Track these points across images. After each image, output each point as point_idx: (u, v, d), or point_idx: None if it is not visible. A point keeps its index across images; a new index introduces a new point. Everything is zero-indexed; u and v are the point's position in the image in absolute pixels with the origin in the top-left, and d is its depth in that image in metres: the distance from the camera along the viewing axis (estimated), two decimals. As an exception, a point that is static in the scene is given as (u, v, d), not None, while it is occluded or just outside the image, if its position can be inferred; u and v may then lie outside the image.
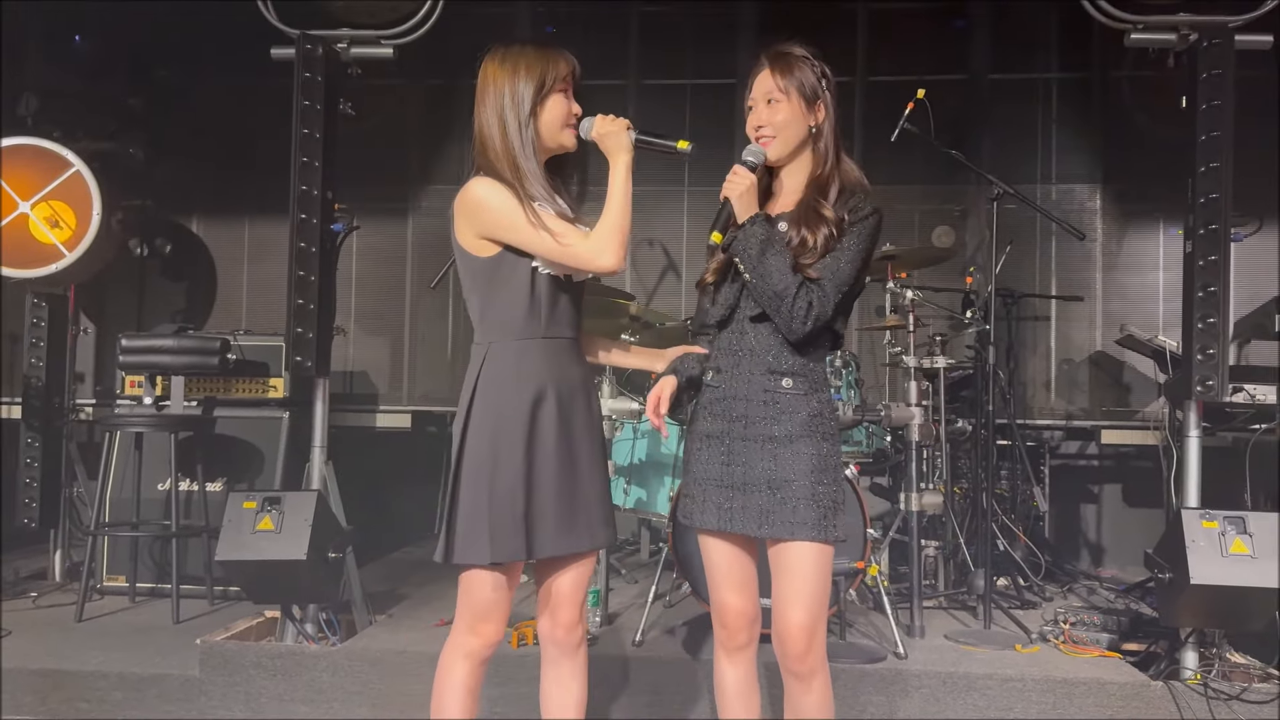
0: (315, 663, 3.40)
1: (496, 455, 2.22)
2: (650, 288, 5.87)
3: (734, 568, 2.34)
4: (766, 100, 2.29)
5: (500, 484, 2.21)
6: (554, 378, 2.28)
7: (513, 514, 2.20)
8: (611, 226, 2.25)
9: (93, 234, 4.73)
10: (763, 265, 2.20)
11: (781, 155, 2.31)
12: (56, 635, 3.86)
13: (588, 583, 2.39)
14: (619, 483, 4.56)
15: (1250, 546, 3.13)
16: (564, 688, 2.37)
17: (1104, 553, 5.60)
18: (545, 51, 2.31)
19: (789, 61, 2.29)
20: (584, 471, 2.30)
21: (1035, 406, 5.71)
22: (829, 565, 2.26)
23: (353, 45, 3.75)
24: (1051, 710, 3.23)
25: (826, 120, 2.30)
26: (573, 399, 2.31)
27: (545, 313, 2.28)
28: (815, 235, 2.22)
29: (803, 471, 2.22)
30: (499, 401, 2.25)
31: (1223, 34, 3.42)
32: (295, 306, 3.63)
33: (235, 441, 4.62)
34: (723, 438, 2.30)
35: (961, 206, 5.86)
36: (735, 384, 2.30)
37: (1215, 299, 3.36)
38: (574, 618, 2.34)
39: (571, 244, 2.23)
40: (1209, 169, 3.37)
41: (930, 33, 5.84)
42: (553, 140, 2.32)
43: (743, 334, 2.31)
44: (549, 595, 2.35)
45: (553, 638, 2.36)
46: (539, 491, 2.23)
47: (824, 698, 2.27)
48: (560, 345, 2.32)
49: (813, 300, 2.19)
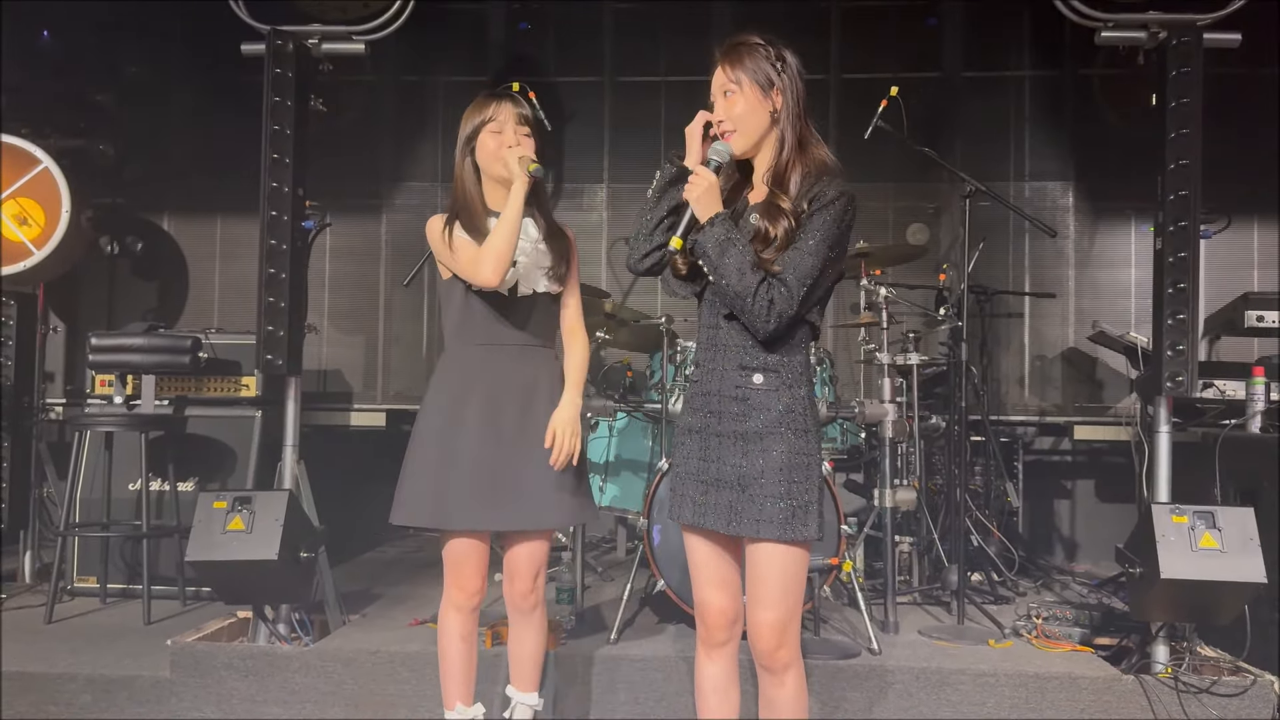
0: (288, 663, 3.38)
1: (421, 440, 2.70)
2: (626, 286, 5.87)
3: (714, 565, 2.33)
4: (723, 94, 2.28)
5: (415, 462, 2.68)
6: (486, 378, 2.68)
7: (422, 488, 2.65)
8: (488, 245, 2.58)
9: (62, 232, 4.69)
10: (723, 265, 2.17)
11: (747, 147, 2.28)
12: (25, 637, 3.80)
13: (540, 558, 2.78)
14: (595, 480, 4.56)
15: (1219, 541, 3.15)
16: (520, 641, 2.84)
17: (1077, 548, 5.65)
18: (483, 100, 2.74)
19: (739, 52, 2.28)
20: (522, 459, 2.65)
21: (1008, 403, 5.75)
22: (801, 564, 2.23)
23: (324, 41, 3.72)
24: (1024, 705, 3.25)
25: (785, 105, 2.26)
26: (509, 396, 2.68)
27: (481, 323, 2.69)
28: (775, 227, 2.18)
29: (771, 469, 2.19)
30: (432, 398, 2.73)
31: (1191, 32, 3.45)
32: (266, 304, 3.60)
33: (207, 441, 4.58)
34: (701, 433, 2.30)
35: (935, 204, 5.90)
36: (711, 380, 2.29)
37: (1185, 295, 3.39)
38: (526, 586, 2.77)
39: (463, 261, 2.62)
40: (1178, 166, 3.40)
41: (903, 31, 5.88)
42: (489, 170, 2.71)
43: (716, 329, 2.30)
44: (508, 565, 2.79)
45: (510, 601, 2.82)
46: (454, 470, 2.62)
47: (797, 693, 2.27)
48: (499, 351, 2.70)
49: (774, 297, 2.14)
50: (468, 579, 2.73)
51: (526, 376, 2.71)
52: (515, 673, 2.86)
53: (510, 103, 2.71)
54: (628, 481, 4.57)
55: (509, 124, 2.68)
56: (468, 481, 2.62)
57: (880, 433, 3.97)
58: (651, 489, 3.65)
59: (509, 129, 2.68)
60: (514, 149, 2.65)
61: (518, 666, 2.86)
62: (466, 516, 2.64)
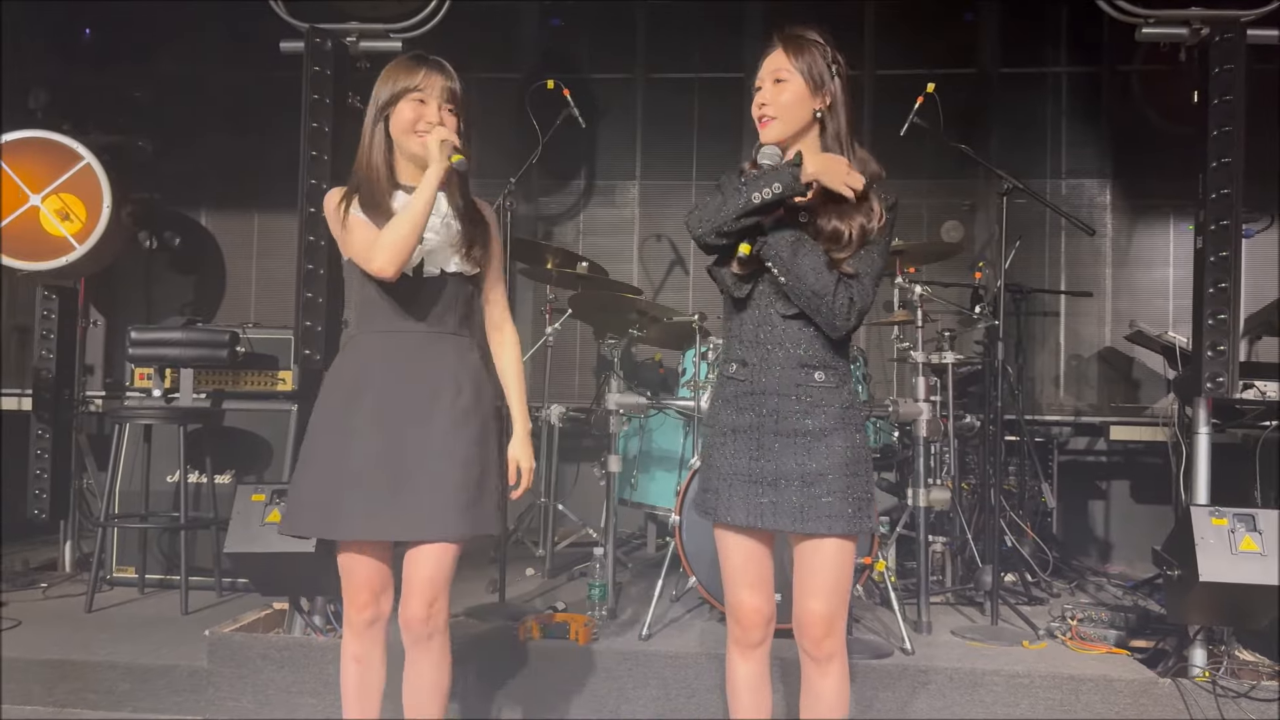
0: (323, 654, 3.41)
1: (310, 437, 2.42)
2: (657, 282, 5.87)
3: (751, 565, 2.32)
4: (774, 80, 2.26)
5: (306, 466, 2.39)
6: (384, 369, 2.38)
7: (309, 494, 2.36)
8: (385, 234, 2.30)
9: (103, 227, 4.74)
10: (797, 266, 2.18)
11: (783, 136, 2.27)
12: (66, 626, 3.87)
13: (440, 576, 2.37)
14: (626, 476, 4.57)
15: (1260, 544, 3.11)
16: (416, 671, 2.43)
17: (1112, 549, 5.59)
18: (408, 63, 2.41)
19: (801, 44, 2.27)
20: (422, 461, 2.34)
21: (1044, 402, 5.71)
22: (852, 556, 2.27)
23: (361, 39, 3.75)
24: (1058, 707, 3.22)
25: (835, 108, 2.27)
26: (410, 390, 2.37)
27: (381, 307, 2.39)
28: (849, 227, 2.21)
29: (837, 465, 2.21)
30: (325, 390, 2.45)
31: (1235, 28, 3.40)
32: (304, 300, 3.64)
33: (244, 434, 4.64)
34: (752, 431, 2.26)
35: (971, 201, 5.85)
36: (765, 378, 2.26)
37: (1226, 295, 3.35)
38: (420, 610, 2.35)
39: (356, 244, 2.35)
40: (1220, 164, 3.36)
41: (939, 26, 5.83)
42: (403, 144, 2.40)
43: (771, 327, 2.27)
44: (404, 583, 2.39)
45: (403, 625, 2.39)
46: (344, 473, 2.32)
47: (841, 682, 2.28)
48: (402, 338, 2.40)
49: (853, 295, 2.19)
50: (357, 592, 2.41)
51: (432, 368, 2.40)
52: (409, 710, 2.45)
53: (440, 74, 2.38)
54: (659, 477, 4.58)
55: (435, 98, 2.36)
56: (357, 485, 2.32)
57: (914, 431, 3.95)
58: (684, 486, 3.65)
59: (434, 104, 2.36)
60: (437, 128, 2.34)
61: (412, 702, 2.44)
62: (353, 525, 2.32)
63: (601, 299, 4.73)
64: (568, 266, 4.82)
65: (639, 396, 4.13)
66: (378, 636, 2.47)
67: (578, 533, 5.15)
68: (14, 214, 4.70)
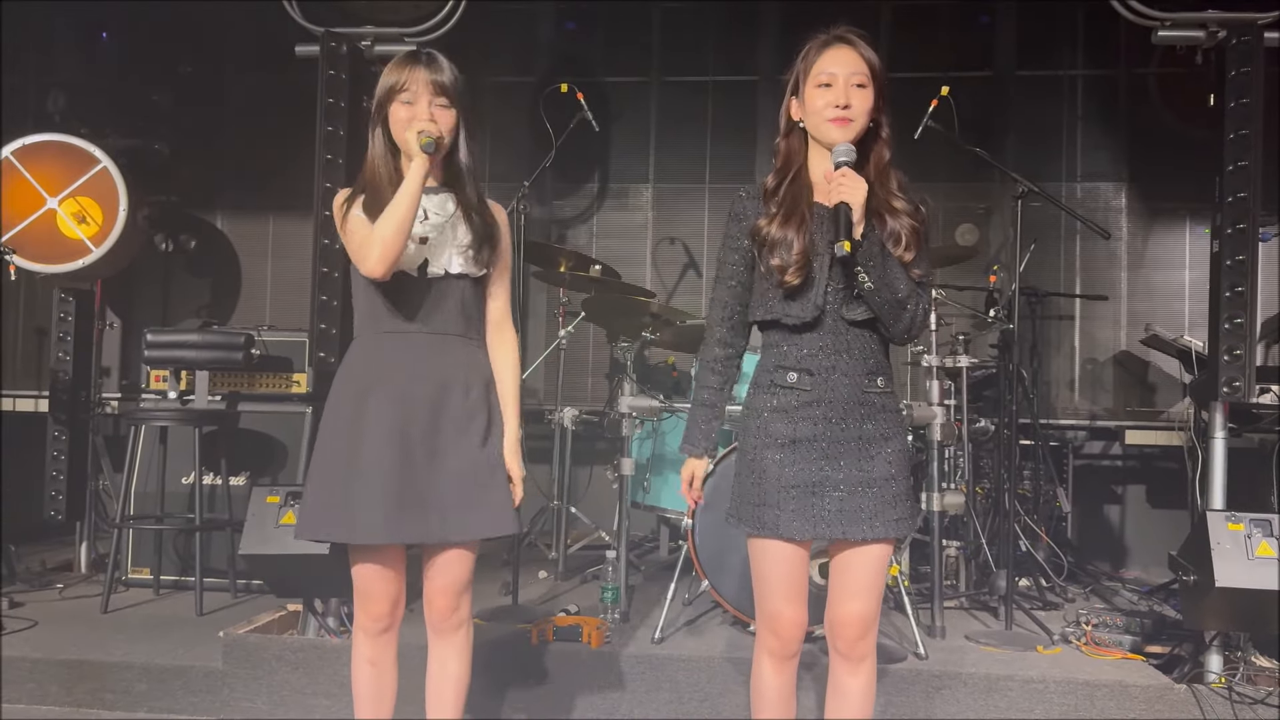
0: (337, 656, 3.42)
1: (323, 442, 2.40)
2: (671, 285, 5.86)
3: (793, 577, 2.28)
4: (856, 83, 2.21)
5: (320, 470, 2.38)
6: (393, 371, 2.38)
7: (328, 498, 2.34)
8: (373, 232, 2.31)
9: (119, 230, 4.77)
10: (887, 273, 2.17)
11: (856, 136, 2.23)
12: (82, 626, 3.89)
13: (463, 577, 2.44)
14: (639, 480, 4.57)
15: (1276, 549, 3.10)
16: (441, 662, 2.49)
17: (1127, 554, 5.56)
18: (396, 63, 2.41)
19: (876, 55, 2.25)
20: (438, 463, 2.36)
21: (1059, 406, 5.68)
22: (889, 556, 2.30)
23: (376, 43, 3.76)
24: (1073, 712, 3.21)
25: (884, 111, 2.27)
26: (421, 392, 2.37)
27: (387, 309, 2.40)
28: (902, 226, 2.22)
29: (900, 469, 2.25)
30: (335, 394, 2.44)
31: (1252, 31, 3.38)
32: (319, 303, 3.65)
33: (259, 436, 4.66)
34: (815, 441, 2.22)
35: (985, 204, 5.83)
36: (830, 388, 2.22)
37: (1243, 299, 3.33)
38: (445, 608, 2.44)
39: (354, 244, 2.36)
40: (1237, 167, 3.34)
41: (954, 29, 5.82)
42: (401, 145, 2.39)
43: (838, 335, 2.23)
44: (425, 585, 2.45)
45: (429, 622, 2.48)
46: (362, 479, 2.31)
47: (869, 683, 2.29)
48: (409, 340, 2.40)
49: (925, 304, 2.23)
50: (374, 601, 2.41)
51: (441, 370, 2.39)
52: (432, 701, 2.49)
53: (424, 69, 2.36)
54: (671, 481, 4.57)
55: (422, 94, 2.35)
56: (373, 489, 2.31)
57: (928, 435, 3.94)
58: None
59: (422, 100, 2.34)
60: (414, 123, 2.32)
61: (436, 693, 2.48)
62: (372, 530, 2.31)
63: (614, 302, 4.73)
64: (581, 269, 4.83)
65: (652, 399, 4.13)
66: (391, 641, 2.48)
67: (590, 536, 5.15)
68: (31, 217, 4.73)
